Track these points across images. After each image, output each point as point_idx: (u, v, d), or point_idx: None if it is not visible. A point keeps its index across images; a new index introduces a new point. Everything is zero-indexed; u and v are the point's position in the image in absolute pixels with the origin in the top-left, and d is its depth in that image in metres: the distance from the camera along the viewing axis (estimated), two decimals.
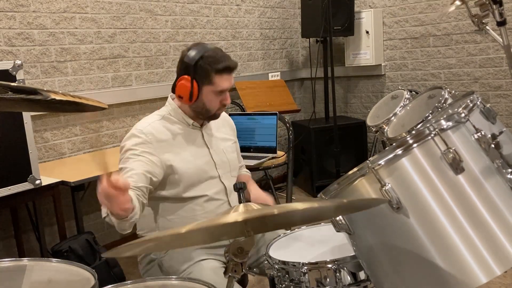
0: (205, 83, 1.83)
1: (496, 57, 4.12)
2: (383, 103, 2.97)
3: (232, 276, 1.11)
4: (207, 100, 1.86)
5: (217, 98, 1.86)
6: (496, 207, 1.23)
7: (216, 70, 1.81)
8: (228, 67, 1.83)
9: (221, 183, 1.94)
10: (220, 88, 1.84)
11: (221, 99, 1.87)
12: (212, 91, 1.84)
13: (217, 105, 1.88)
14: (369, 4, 4.67)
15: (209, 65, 1.81)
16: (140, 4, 3.56)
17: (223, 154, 1.98)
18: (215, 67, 1.81)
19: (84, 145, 3.29)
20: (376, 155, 1.32)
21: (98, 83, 3.34)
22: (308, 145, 4.44)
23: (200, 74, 1.82)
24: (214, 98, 1.86)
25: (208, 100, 1.86)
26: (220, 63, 1.82)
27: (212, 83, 1.83)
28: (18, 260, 1.54)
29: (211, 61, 1.81)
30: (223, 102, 1.89)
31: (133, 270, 2.98)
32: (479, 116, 1.38)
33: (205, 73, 1.82)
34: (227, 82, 1.85)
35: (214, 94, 1.85)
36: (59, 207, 2.62)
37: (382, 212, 1.27)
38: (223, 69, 1.82)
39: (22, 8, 2.94)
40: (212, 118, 1.94)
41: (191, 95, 1.83)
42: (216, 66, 1.81)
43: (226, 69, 1.83)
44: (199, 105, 1.87)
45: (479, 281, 1.19)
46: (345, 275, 1.52)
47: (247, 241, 1.09)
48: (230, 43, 4.34)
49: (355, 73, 4.85)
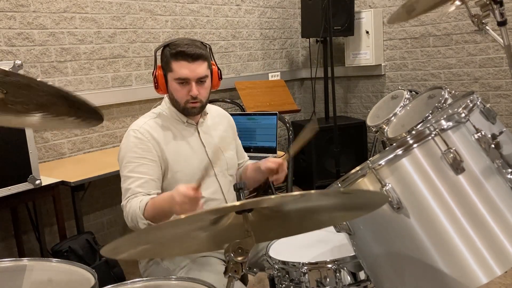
0: (168, 70, 1.83)
1: (496, 57, 4.12)
2: (383, 103, 2.97)
3: (232, 276, 1.11)
4: (173, 90, 1.84)
5: (182, 88, 1.82)
6: (497, 207, 1.23)
7: (172, 55, 1.79)
8: (182, 52, 1.77)
9: (216, 182, 1.93)
10: (178, 75, 1.79)
11: (187, 90, 1.82)
12: (173, 79, 1.82)
13: (184, 96, 1.83)
14: (369, 4, 4.67)
15: (169, 52, 1.81)
16: (140, 4, 3.56)
17: (220, 152, 1.97)
18: (171, 52, 1.79)
19: (84, 145, 3.28)
20: (377, 155, 1.32)
21: (98, 83, 3.34)
22: (308, 145, 4.43)
23: (163, 61, 1.83)
24: (179, 88, 1.82)
25: (173, 90, 1.84)
26: (176, 47, 1.78)
27: (171, 69, 1.81)
28: (18, 260, 1.53)
29: (172, 47, 1.80)
30: (190, 94, 1.82)
31: (133, 270, 2.98)
32: (479, 116, 1.38)
33: (166, 60, 1.82)
34: (186, 70, 1.78)
35: (176, 83, 1.81)
36: (59, 207, 2.62)
37: (382, 212, 1.27)
38: (178, 54, 1.77)
39: (22, 8, 2.94)
40: (185, 112, 1.88)
41: (156, 82, 1.85)
42: (171, 51, 1.79)
43: (180, 54, 1.77)
44: (171, 96, 1.87)
45: (479, 281, 1.19)
46: (345, 275, 1.52)
47: (247, 241, 1.09)
48: (230, 43, 4.34)
49: (355, 73, 4.85)
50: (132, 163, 1.78)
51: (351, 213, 1.31)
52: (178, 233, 1.11)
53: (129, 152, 1.80)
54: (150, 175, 1.77)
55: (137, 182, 1.75)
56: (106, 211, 3.46)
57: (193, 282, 1.40)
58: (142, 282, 1.44)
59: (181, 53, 1.77)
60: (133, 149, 1.79)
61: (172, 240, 1.14)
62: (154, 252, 1.27)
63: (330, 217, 1.28)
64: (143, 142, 1.80)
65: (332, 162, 4.16)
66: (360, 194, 1.24)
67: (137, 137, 1.80)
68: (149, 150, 1.79)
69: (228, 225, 1.14)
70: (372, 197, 1.22)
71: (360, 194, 1.24)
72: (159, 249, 1.22)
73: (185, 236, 1.14)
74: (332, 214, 1.26)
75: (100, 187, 3.37)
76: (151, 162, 1.78)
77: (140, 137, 1.80)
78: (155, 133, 1.83)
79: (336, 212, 1.26)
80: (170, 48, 1.81)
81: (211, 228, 1.13)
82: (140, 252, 1.17)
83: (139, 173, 1.76)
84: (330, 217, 1.28)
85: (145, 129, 1.83)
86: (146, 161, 1.78)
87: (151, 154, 1.79)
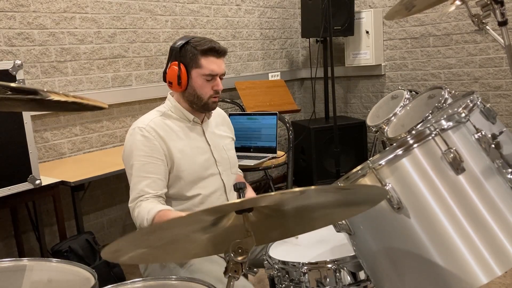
0: (193, 66, 1.83)
1: (496, 57, 4.12)
2: (383, 103, 2.97)
3: (232, 276, 1.11)
4: (197, 86, 1.85)
5: (208, 83, 1.85)
6: (497, 207, 1.23)
7: (202, 52, 1.82)
8: (213, 48, 1.83)
9: (220, 180, 1.93)
10: (208, 71, 1.83)
11: (212, 85, 1.85)
12: (200, 74, 1.83)
13: (209, 91, 1.86)
14: (369, 4, 4.67)
15: (194, 48, 1.82)
16: (140, 4, 3.56)
17: (223, 151, 1.98)
18: (201, 49, 1.82)
19: (84, 145, 3.28)
20: (377, 155, 1.32)
21: (98, 83, 3.34)
22: (308, 145, 4.44)
23: (187, 57, 1.83)
24: (204, 83, 1.84)
25: (198, 86, 1.85)
26: (205, 44, 1.83)
27: (199, 65, 1.82)
28: (18, 260, 1.53)
29: (197, 44, 1.83)
30: (214, 88, 1.86)
31: (133, 270, 2.98)
32: (479, 116, 1.38)
33: (192, 56, 1.82)
34: (214, 65, 1.83)
35: (203, 78, 1.84)
36: (59, 207, 2.62)
37: (382, 212, 1.27)
38: (208, 50, 1.82)
39: (22, 8, 2.94)
40: (206, 108, 1.91)
41: (179, 78, 1.83)
42: (201, 47, 1.82)
43: (211, 50, 1.83)
44: (191, 92, 1.86)
45: (479, 281, 1.19)
46: (345, 275, 1.52)
47: (247, 241, 1.09)
48: (230, 43, 4.33)
49: (355, 73, 4.85)
50: (139, 161, 1.78)
51: (351, 209, 1.30)
52: (178, 235, 1.10)
53: (136, 150, 1.79)
54: (158, 174, 1.77)
55: (144, 182, 1.75)
56: (106, 211, 3.46)
57: (193, 282, 1.39)
58: (142, 282, 1.43)
59: (212, 49, 1.82)
60: (140, 147, 1.79)
61: (172, 242, 1.14)
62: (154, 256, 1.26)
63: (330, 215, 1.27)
64: (150, 140, 1.80)
65: (332, 162, 4.16)
66: (359, 189, 1.23)
67: (143, 135, 1.80)
68: (156, 149, 1.79)
69: (228, 227, 1.14)
70: (372, 192, 1.20)
71: (359, 189, 1.23)
72: (160, 253, 1.21)
73: (185, 239, 1.14)
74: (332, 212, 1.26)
75: (100, 187, 3.37)
76: (158, 161, 1.79)
77: (146, 135, 1.80)
78: (162, 131, 1.83)
79: (336, 209, 1.25)
80: (194, 44, 1.83)
81: (211, 230, 1.13)
82: (140, 256, 1.16)
83: (146, 172, 1.76)
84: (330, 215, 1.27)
85: (151, 127, 1.82)
86: (153, 160, 1.78)
87: (158, 152, 1.79)
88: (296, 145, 4.39)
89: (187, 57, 1.83)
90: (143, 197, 1.75)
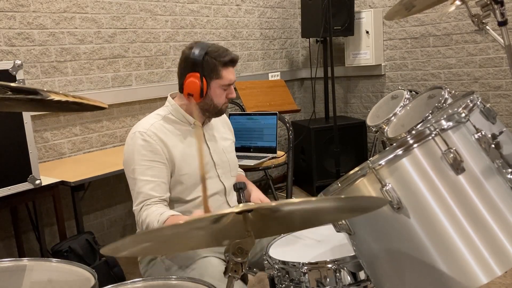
0: (213, 78, 1.85)
1: (496, 57, 4.12)
2: (383, 103, 2.97)
3: (232, 276, 1.11)
4: (214, 95, 1.87)
5: (224, 92, 1.89)
6: (497, 207, 1.23)
7: (223, 63, 1.84)
8: (233, 59, 1.87)
9: (220, 183, 1.93)
10: (228, 82, 1.87)
11: (226, 93, 1.89)
12: (220, 85, 1.86)
13: (224, 99, 1.90)
14: (369, 4, 4.67)
15: (215, 59, 1.83)
16: (140, 4, 3.56)
17: (223, 153, 1.98)
18: (222, 60, 1.84)
19: (84, 145, 3.28)
20: (377, 155, 1.32)
21: (98, 83, 3.34)
22: (308, 145, 4.44)
23: (208, 69, 1.83)
24: (221, 92, 1.88)
25: (215, 95, 1.87)
26: (226, 56, 1.85)
27: (220, 76, 1.85)
28: (18, 260, 1.53)
29: (217, 55, 1.84)
30: (229, 96, 1.91)
31: (133, 270, 2.98)
32: (479, 116, 1.38)
33: (213, 67, 1.83)
34: (232, 75, 1.88)
35: (221, 88, 1.87)
36: (59, 207, 2.62)
37: (382, 212, 1.27)
38: (229, 61, 1.85)
39: (22, 8, 2.94)
40: (218, 114, 1.95)
41: (202, 91, 1.83)
42: (222, 59, 1.84)
43: (231, 61, 1.87)
44: (207, 102, 1.87)
45: (479, 281, 1.19)
46: (345, 275, 1.52)
47: (247, 241, 1.09)
48: (230, 43, 4.33)
49: (355, 73, 4.85)
50: (141, 166, 1.77)
51: (352, 213, 1.31)
52: (179, 232, 1.11)
53: (137, 154, 1.79)
54: (161, 178, 1.78)
55: (148, 186, 1.75)
56: (106, 211, 3.46)
57: (193, 282, 1.40)
58: (142, 282, 1.44)
59: (232, 61, 1.86)
60: (141, 151, 1.79)
61: (172, 237, 1.15)
62: (154, 249, 1.27)
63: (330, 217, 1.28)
64: (151, 144, 1.79)
65: (332, 162, 4.16)
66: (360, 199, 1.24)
67: (144, 140, 1.80)
68: (158, 153, 1.79)
69: (228, 224, 1.14)
70: (373, 201, 1.22)
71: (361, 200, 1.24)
72: (159, 246, 1.22)
73: (185, 234, 1.14)
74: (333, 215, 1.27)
75: (100, 187, 3.37)
76: (161, 165, 1.79)
77: (148, 139, 1.80)
78: (162, 135, 1.83)
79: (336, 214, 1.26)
80: (213, 55, 1.83)
81: (211, 227, 1.13)
82: (140, 249, 1.18)
83: (149, 176, 1.76)
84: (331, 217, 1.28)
85: (152, 131, 1.82)
86: (155, 164, 1.78)
87: (159, 156, 1.79)
88: (296, 145, 4.39)
89: (208, 69, 1.83)
90: (150, 200, 1.74)
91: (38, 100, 1.06)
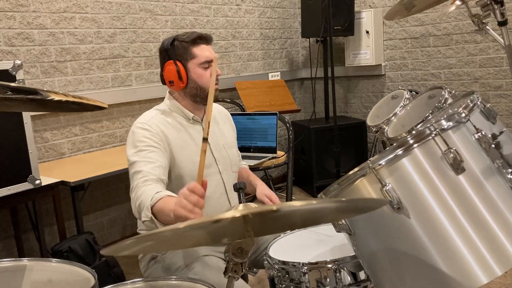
0: (188, 59, 1.86)
1: (496, 57, 4.12)
2: (383, 103, 2.97)
3: (232, 276, 1.11)
4: (196, 76, 1.87)
5: (206, 72, 1.87)
6: (497, 207, 1.23)
7: (192, 42, 1.86)
8: (201, 36, 1.88)
9: (221, 179, 1.93)
10: (204, 58, 1.86)
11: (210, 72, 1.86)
12: (197, 64, 1.86)
13: (207, 78, 1.87)
14: (369, 4, 4.67)
15: (183, 41, 1.87)
16: (140, 4, 3.56)
17: (223, 149, 1.98)
18: (190, 40, 1.86)
19: (84, 145, 3.28)
20: (377, 155, 1.32)
21: (98, 83, 3.34)
22: (308, 145, 4.44)
23: (179, 52, 1.86)
24: (202, 72, 1.87)
25: (197, 76, 1.87)
26: (193, 35, 1.88)
27: (193, 56, 1.86)
28: (18, 260, 1.53)
29: (185, 37, 1.88)
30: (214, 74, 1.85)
31: (133, 270, 2.98)
32: (479, 116, 1.38)
33: (184, 49, 1.86)
34: (207, 51, 1.88)
35: (200, 67, 1.87)
36: (59, 207, 2.62)
37: (382, 212, 1.27)
38: (197, 38, 1.87)
39: (22, 8, 2.94)
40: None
41: (180, 75, 1.84)
42: (189, 38, 1.87)
43: (200, 38, 1.88)
44: (193, 86, 1.87)
45: (479, 281, 1.19)
46: (345, 275, 1.52)
47: (247, 241, 1.09)
48: (230, 43, 4.33)
49: (355, 73, 4.85)
50: (143, 150, 1.75)
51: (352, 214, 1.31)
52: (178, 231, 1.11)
53: (138, 142, 1.78)
54: (160, 161, 1.75)
55: (149, 166, 1.71)
56: (106, 211, 3.46)
57: (193, 282, 1.40)
58: (142, 282, 1.44)
59: (200, 37, 1.88)
60: (141, 138, 1.78)
61: (172, 236, 1.15)
62: (154, 247, 1.27)
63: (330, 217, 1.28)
64: (152, 133, 1.79)
65: (332, 162, 4.16)
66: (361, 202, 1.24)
67: (145, 129, 1.80)
68: (158, 141, 1.79)
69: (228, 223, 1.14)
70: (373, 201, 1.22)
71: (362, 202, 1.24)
72: (159, 244, 1.22)
73: (184, 234, 1.14)
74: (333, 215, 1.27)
75: (100, 187, 3.37)
76: (159, 151, 1.77)
77: (148, 128, 1.80)
78: (163, 127, 1.83)
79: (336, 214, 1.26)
80: (181, 39, 1.87)
81: (211, 226, 1.13)
82: (140, 248, 1.17)
83: (149, 158, 1.74)
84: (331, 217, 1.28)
85: (153, 122, 1.83)
86: (155, 149, 1.76)
87: (160, 145, 1.79)
88: (296, 145, 4.39)
89: (180, 52, 1.86)
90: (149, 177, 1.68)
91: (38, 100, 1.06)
